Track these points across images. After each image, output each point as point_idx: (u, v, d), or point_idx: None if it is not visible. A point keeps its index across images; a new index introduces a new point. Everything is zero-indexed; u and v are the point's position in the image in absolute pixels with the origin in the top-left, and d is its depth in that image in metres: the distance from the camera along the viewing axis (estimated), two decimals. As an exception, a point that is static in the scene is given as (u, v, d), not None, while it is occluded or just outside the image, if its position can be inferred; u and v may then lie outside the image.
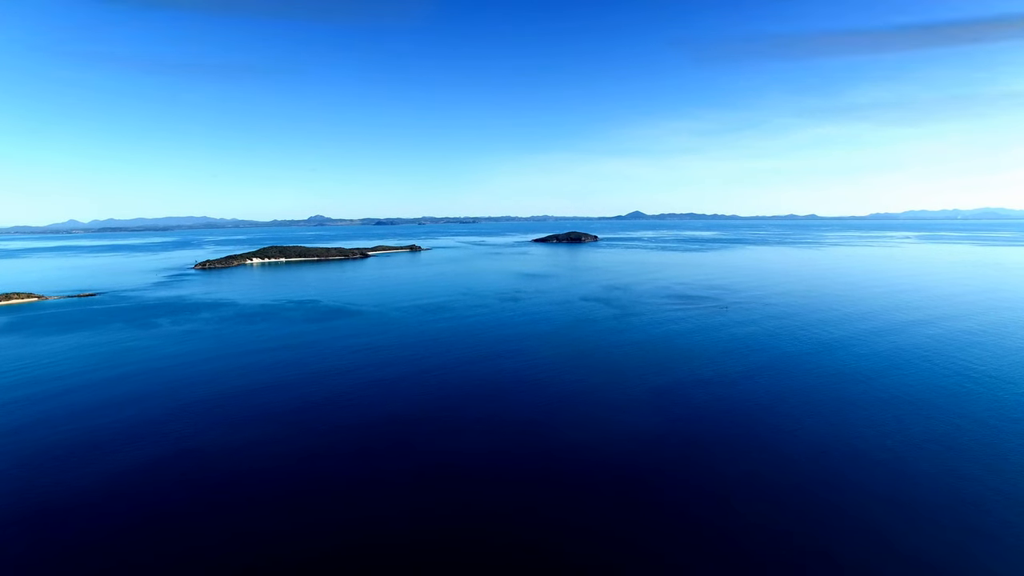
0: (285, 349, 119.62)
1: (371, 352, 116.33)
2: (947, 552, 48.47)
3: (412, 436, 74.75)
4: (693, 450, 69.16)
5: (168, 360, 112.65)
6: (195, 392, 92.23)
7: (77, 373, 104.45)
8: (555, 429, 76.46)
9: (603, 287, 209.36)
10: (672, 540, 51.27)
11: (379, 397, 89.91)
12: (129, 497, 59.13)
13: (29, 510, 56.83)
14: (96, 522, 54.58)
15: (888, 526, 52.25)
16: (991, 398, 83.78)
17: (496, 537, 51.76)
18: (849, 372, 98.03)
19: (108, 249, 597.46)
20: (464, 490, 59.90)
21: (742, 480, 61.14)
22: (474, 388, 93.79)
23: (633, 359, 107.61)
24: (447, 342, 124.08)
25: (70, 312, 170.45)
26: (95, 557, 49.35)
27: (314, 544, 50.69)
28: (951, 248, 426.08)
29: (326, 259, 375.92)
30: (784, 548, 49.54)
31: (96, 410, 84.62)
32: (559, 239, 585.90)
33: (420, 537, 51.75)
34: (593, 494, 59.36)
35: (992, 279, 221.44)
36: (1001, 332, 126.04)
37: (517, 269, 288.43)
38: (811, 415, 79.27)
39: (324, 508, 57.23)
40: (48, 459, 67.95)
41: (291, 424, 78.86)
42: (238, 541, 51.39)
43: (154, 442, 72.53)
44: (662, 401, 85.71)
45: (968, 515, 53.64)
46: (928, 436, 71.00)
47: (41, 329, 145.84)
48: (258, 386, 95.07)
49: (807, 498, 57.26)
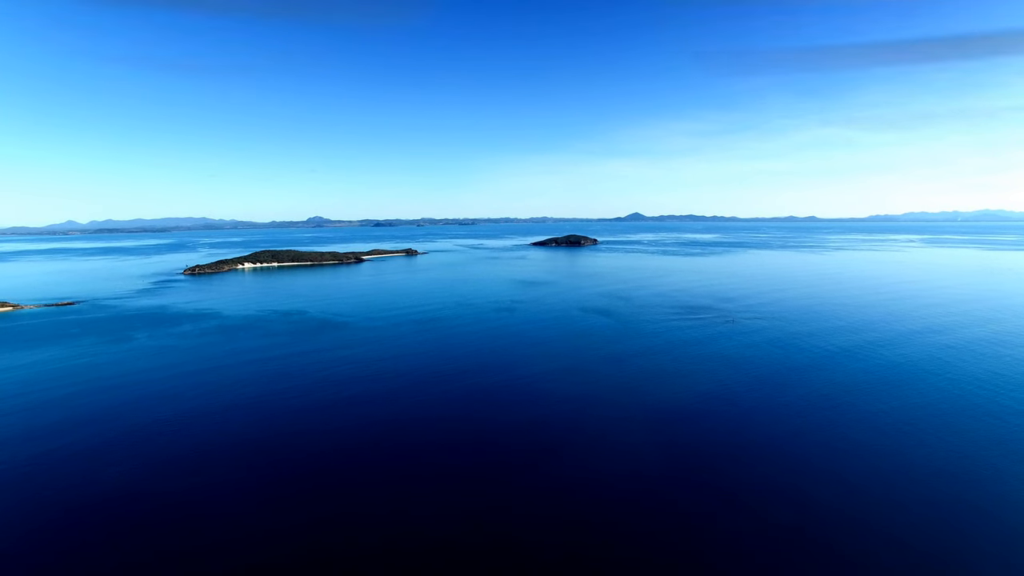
0: (256, 363, 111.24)
1: (352, 367, 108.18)
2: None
3: (389, 455, 68.74)
4: (697, 464, 64.76)
5: (132, 376, 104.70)
6: (154, 412, 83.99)
7: (26, 393, 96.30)
8: (550, 444, 71.49)
9: (603, 295, 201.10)
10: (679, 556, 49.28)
11: (355, 417, 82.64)
12: (60, 530, 50.91)
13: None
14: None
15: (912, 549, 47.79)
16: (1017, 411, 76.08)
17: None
18: (862, 384, 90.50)
19: (100, 252, 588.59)
20: (448, 514, 52.06)
21: (748, 494, 56.12)
22: (463, 405, 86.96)
23: (634, 372, 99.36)
24: (435, 357, 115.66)
25: (42, 323, 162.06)
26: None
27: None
28: (957, 252, 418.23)
29: (320, 263, 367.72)
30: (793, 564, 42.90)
31: (38, 432, 76.39)
32: (558, 242, 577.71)
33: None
34: (592, 513, 56.90)
35: (1009, 286, 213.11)
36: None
37: (514, 276, 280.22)
38: (822, 431, 73.21)
39: (289, 535, 50.93)
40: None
41: (254, 449, 71.09)
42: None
43: (93, 471, 64.24)
44: (663, 417, 79.18)
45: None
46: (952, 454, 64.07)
47: (6, 342, 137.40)
48: (223, 405, 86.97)
49: (823, 525, 50.29)
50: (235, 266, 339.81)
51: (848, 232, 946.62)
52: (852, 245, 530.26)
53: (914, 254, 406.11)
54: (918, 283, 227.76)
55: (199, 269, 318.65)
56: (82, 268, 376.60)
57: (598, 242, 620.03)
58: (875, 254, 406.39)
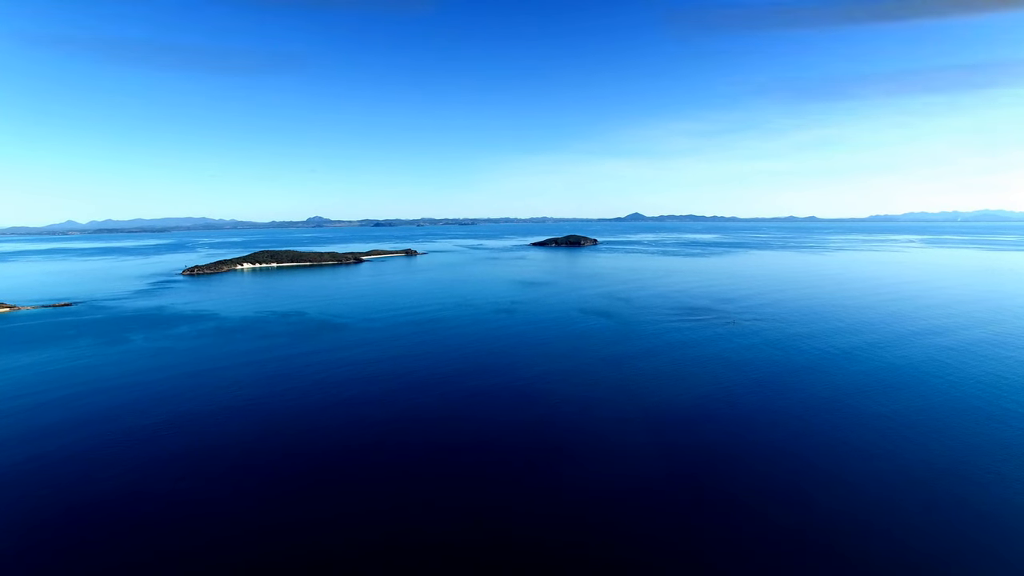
0: (254, 365, 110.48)
1: (350, 368, 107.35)
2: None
3: (388, 456, 68.12)
4: (697, 465, 64.97)
5: (129, 378, 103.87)
6: (151, 415, 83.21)
7: (22, 395, 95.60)
8: (550, 445, 71.45)
9: (602, 296, 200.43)
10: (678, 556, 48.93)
11: (353, 418, 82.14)
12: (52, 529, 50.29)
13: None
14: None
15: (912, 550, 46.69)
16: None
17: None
18: (862, 386, 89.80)
19: (99, 252, 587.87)
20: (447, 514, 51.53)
21: (749, 495, 55.74)
22: (462, 406, 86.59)
23: (634, 374, 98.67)
24: (434, 358, 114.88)
25: (38, 324, 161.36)
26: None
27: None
28: (957, 253, 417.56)
29: (319, 264, 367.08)
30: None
31: (34, 434, 75.73)
32: (558, 243, 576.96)
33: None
34: (593, 513, 56.78)
35: (1010, 286, 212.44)
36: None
37: (514, 276, 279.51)
38: (822, 433, 72.40)
39: (288, 535, 50.37)
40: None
41: (251, 450, 70.44)
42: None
43: (91, 473, 63.55)
44: (663, 418, 78.53)
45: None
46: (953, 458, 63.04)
47: (2, 344, 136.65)
48: (220, 407, 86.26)
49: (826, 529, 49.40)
50: (234, 267, 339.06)
51: (848, 232, 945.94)
52: (852, 245, 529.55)
53: (914, 254, 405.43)
54: (918, 284, 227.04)
55: (198, 270, 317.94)
56: (80, 268, 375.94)
57: (598, 242, 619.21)
58: (875, 254, 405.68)
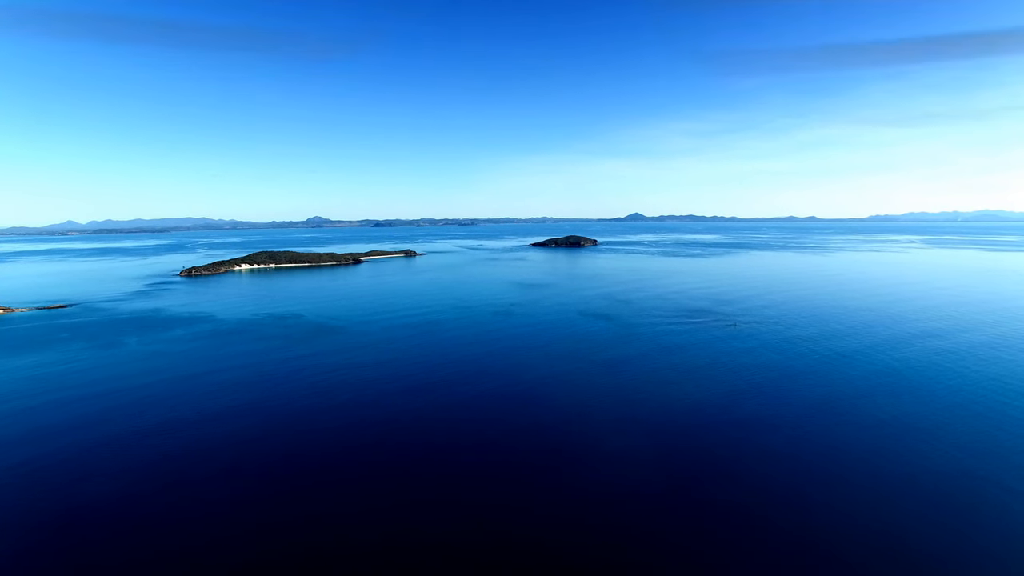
0: (249, 368, 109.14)
1: (346, 372, 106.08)
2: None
3: (386, 457, 68.17)
4: (696, 467, 64.50)
5: (123, 381, 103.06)
6: (145, 417, 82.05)
7: (15, 398, 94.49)
8: (550, 446, 71.63)
9: (602, 297, 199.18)
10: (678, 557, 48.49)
11: (350, 420, 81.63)
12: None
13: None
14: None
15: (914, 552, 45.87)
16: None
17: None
18: (862, 389, 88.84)
19: (98, 253, 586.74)
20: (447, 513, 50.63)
21: (748, 497, 54.51)
22: (460, 408, 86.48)
23: (634, 376, 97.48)
24: (431, 361, 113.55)
25: (32, 327, 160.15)
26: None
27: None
28: (957, 253, 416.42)
29: (317, 265, 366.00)
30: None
31: (28, 437, 74.56)
32: (558, 243, 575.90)
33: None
34: (593, 513, 57.45)
35: (1010, 288, 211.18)
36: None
37: (513, 277, 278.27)
38: (822, 436, 72.19)
39: (287, 535, 50.15)
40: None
41: (249, 451, 70.08)
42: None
43: (86, 475, 62.40)
44: (662, 420, 77.76)
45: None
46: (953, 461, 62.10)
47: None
48: (216, 410, 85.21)
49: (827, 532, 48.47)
50: (232, 267, 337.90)
51: (848, 232, 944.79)
52: (853, 246, 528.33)
53: (914, 255, 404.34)
54: (918, 285, 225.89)
55: (195, 271, 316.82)
56: (78, 269, 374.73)
57: (598, 243, 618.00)
58: (876, 255, 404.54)
